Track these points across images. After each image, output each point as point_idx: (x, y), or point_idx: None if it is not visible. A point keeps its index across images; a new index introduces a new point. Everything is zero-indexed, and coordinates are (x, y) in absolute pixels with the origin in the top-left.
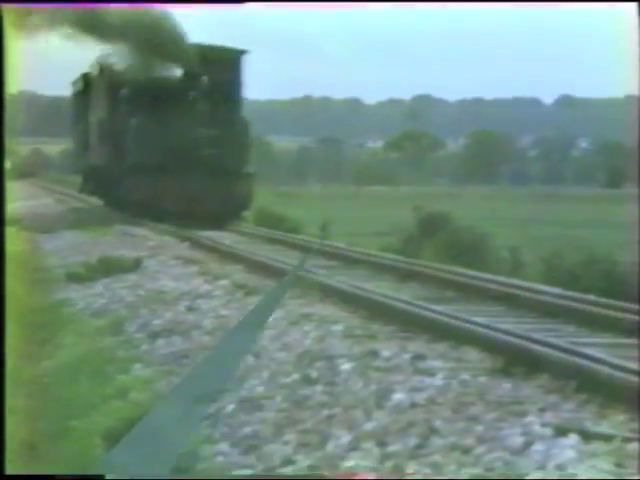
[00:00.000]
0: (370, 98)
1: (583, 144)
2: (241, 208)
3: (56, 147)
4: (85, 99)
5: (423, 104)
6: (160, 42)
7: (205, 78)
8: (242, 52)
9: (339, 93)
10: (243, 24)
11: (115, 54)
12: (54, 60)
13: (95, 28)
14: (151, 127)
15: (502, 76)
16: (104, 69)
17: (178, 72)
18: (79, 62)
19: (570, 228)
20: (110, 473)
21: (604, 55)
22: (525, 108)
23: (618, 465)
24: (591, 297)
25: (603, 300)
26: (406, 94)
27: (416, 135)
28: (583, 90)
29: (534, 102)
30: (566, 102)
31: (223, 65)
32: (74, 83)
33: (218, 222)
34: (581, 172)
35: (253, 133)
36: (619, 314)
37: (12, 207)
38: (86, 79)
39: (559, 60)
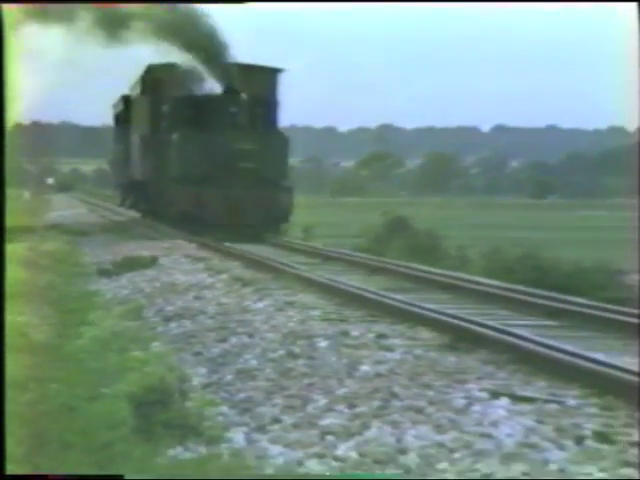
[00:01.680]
0: (343, 126)
1: (514, 163)
2: (280, 220)
3: (90, 166)
4: (125, 119)
5: (386, 131)
6: (203, 59)
7: (244, 95)
8: (279, 71)
9: (318, 122)
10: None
11: (157, 72)
12: (89, 91)
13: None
14: (193, 142)
15: (448, 107)
16: (146, 89)
17: (218, 89)
18: (110, 93)
19: (506, 230)
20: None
21: (532, 88)
22: (467, 134)
23: (539, 422)
24: (520, 287)
25: (530, 289)
26: (372, 123)
27: (381, 156)
28: (514, 119)
29: (474, 129)
30: (500, 129)
31: (262, 82)
32: (114, 106)
33: (258, 233)
34: (513, 185)
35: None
36: (544, 301)
37: (55, 215)
38: (126, 101)
39: (494, 94)
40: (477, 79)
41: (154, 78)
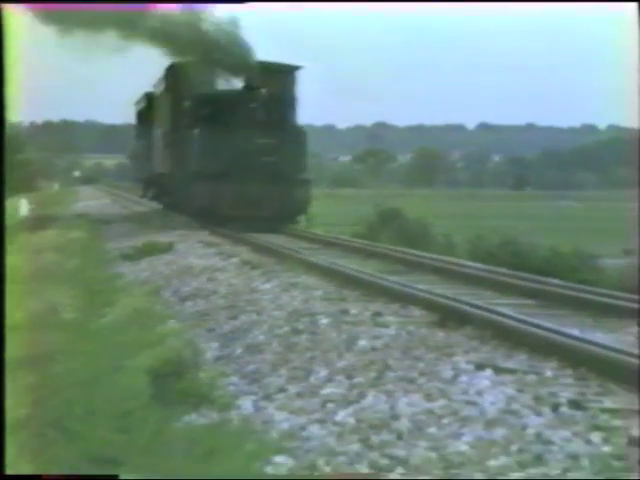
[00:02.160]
0: (341, 124)
1: (496, 158)
2: (298, 212)
3: (112, 161)
4: (148, 116)
5: (380, 129)
6: (224, 58)
7: (264, 90)
8: (297, 67)
9: (318, 121)
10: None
11: (179, 70)
12: (112, 90)
13: (165, 44)
14: (214, 137)
15: (436, 107)
16: (168, 86)
17: (239, 85)
18: (131, 92)
19: (488, 219)
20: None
21: (512, 89)
22: (453, 132)
23: (519, 391)
24: (503, 270)
25: (511, 272)
26: (367, 121)
27: (375, 151)
28: (496, 118)
29: (460, 127)
30: (484, 127)
31: (281, 79)
32: (137, 103)
33: (276, 225)
34: (494, 178)
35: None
36: (523, 282)
37: (81, 205)
38: (149, 98)
39: (479, 94)
40: (463, 81)
41: (176, 75)
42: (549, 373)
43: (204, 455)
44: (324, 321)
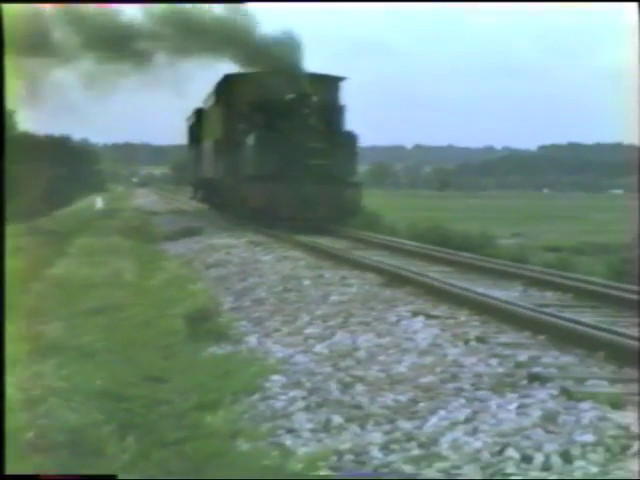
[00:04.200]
0: None
1: (427, 169)
2: (350, 213)
3: (159, 170)
4: (198, 128)
5: None
6: (276, 70)
7: (315, 98)
8: (343, 79)
9: None
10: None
11: (232, 81)
12: (160, 116)
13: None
14: (267, 142)
15: (385, 132)
16: (221, 97)
17: (291, 93)
18: (173, 122)
19: (421, 211)
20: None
21: (437, 121)
22: (397, 150)
23: (442, 330)
24: (431, 246)
25: (437, 248)
26: None
27: None
28: (426, 140)
29: (401, 147)
30: (418, 147)
31: (329, 88)
32: (188, 119)
33: (328, 227)
34: (425, 183)
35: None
36: (444, 255)
37: (137, 201)
38: (199, 112)
39: (415, 124)
40: (402, 114)
41: (230, 86)
42: (462, 318)
43: (223, 374)
44: (306, 282)
